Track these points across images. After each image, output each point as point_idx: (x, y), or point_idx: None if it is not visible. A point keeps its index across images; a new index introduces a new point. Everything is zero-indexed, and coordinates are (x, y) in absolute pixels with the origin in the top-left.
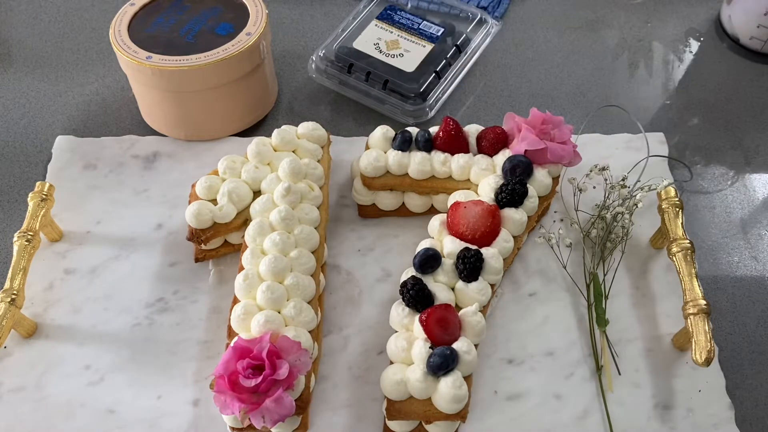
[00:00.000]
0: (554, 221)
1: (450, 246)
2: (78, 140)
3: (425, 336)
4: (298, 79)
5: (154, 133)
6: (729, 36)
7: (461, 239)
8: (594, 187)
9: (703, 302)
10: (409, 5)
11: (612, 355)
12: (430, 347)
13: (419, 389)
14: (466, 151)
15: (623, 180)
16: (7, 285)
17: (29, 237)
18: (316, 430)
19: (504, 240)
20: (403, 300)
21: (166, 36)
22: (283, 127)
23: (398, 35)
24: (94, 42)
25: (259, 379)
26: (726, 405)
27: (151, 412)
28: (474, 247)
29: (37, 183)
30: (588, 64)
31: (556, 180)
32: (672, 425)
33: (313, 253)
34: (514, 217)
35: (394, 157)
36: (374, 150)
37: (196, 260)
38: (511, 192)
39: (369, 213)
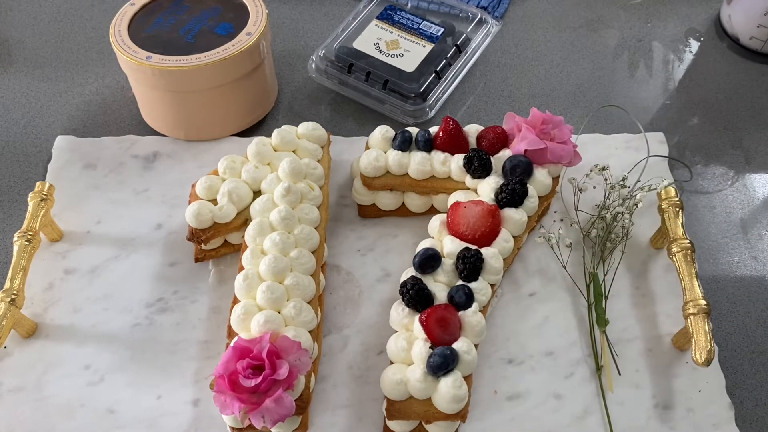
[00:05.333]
0: (554, 221)
1: (450, 246)
2: (78, 140)
3: (425, 336)
4: (298, 79)
5: (154, 133)
6: (729, 36)
7: (461, 239)
8: (594, 187)
9: (703, 302)
10: (409, 5)
11: (612, 355)
12: (430, 347)
13: (419, 389)
14: (466, 151)
15: (623, 180)
16: (7, 285)
17: (29, 237)
18: (316, 430)
19: (504, 240)
20: (403, 300)
21: (166, 36)
22: (283, 127)
23: (398, 35)
24: (94, 42)
25: (259, 379)
26: (726, 405)
27: (151, 412)
28: (474, 247)
29: (37, 183)
30: (588, 64)
31: (556, 180)
32: (672, 425)
33: (313, 253)
34: (514, 217)
35: (394, 157)
36: (374, 150)
37: (196, 260)
38: (511, 192)
39: (369, 213)
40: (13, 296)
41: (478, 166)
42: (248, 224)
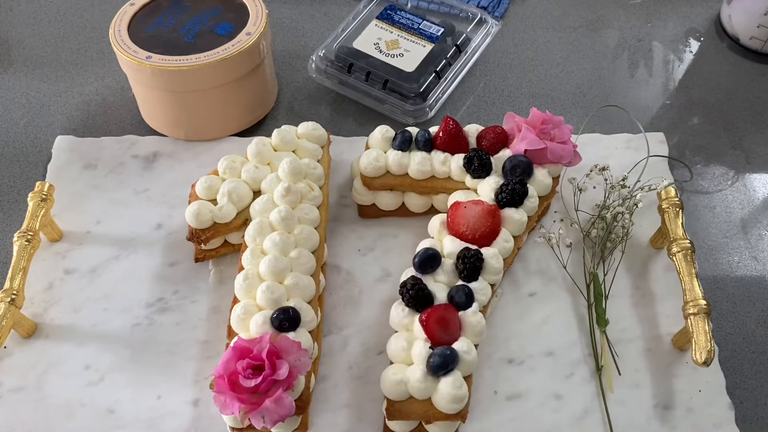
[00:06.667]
0: (554, 221)
1: (450, 246)
2: (78, 140)
3: (425, 336)
4: (298, 79)
5: (154, 133)
6: (729, 36)
7: (461, 239)
8: (594, 187)
9: (703, 302)
10: (409, 5)
11: (612, 355)
12: (430, 347)
13: (419, 389)
14: (466, 151)
15: (623, 180)
16: (7, 285)
17: (29, 237)
18: (316, 430)
19: (504, 240)
20: (403, 300)
21: (166, 36)
22: (283, 127)
23: (398, 35)
24: (94, 42)
25: (259, 379)
26: (726, 405)
27: (151, 412)
28: (474, 247)
29: (37, 183)
30: (588, 64)
31: (556, 180)
32: (672, 425)
33: (313, 253)
34: (514, 217)
35: (394, 157)
36: (374, 150)
37: (196, 260)
38: (511, 192)
39: (369, 213)
40: (13, 296)
41: (478, 166)
42: (248, 224)
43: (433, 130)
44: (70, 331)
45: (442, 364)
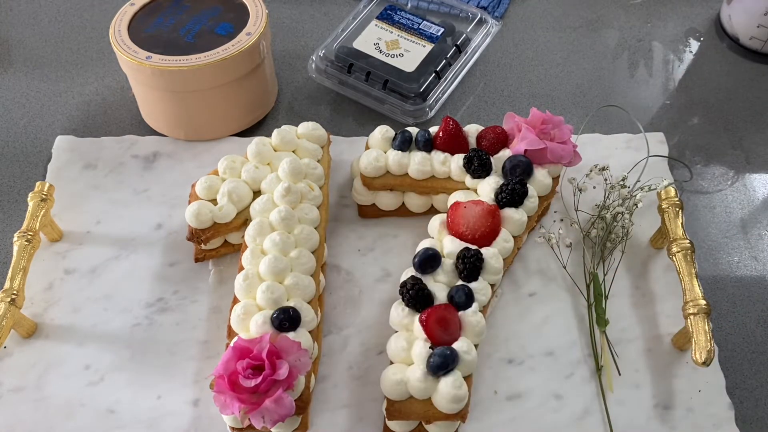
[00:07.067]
0: (554, 221)
1: (450, 246)
2: (78, 140)
3: (425, 336)
4: (298, 79)
5: (154, 133)
6: (729, 36)
7: (461, 239)
8: (594, 187)
9: (703, 302)
10: (409, 5)
11: (612, 355)
12: (430, 347)
13: (419, 389)
14: (466, 151)
15: (623, 180)
16: (7, 285)
17: (29, 237)
18: (316, 430)
19: (504, 240)
20: (403, 300)
21: (166, 36)
22: (283, 127)
23: (398, 35)
24: (94, 42)
25: (259, 379)
26: (726, 405)
27: (151, 412)
28: (474, 247)
29: (37, 183)
30: (588, 64)
31: (556, 180)
32: (672, 425)
33: (313, 253)
34: (514, 217)
35: (393, 157)
36: (374, 150)
37: (196, 260)
38: (511, 192)
39: (369, 213)
40: (13, 296)
41: (478, 166)
42: (248, 224)
43: (433, 130)
44: (70, 331)
45: (442, 364)
